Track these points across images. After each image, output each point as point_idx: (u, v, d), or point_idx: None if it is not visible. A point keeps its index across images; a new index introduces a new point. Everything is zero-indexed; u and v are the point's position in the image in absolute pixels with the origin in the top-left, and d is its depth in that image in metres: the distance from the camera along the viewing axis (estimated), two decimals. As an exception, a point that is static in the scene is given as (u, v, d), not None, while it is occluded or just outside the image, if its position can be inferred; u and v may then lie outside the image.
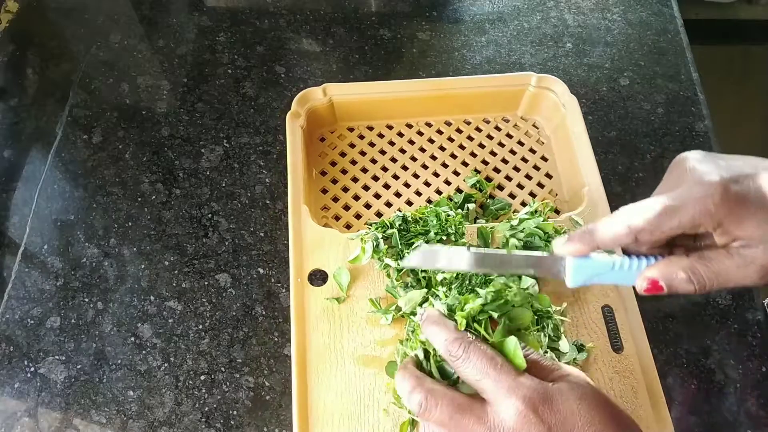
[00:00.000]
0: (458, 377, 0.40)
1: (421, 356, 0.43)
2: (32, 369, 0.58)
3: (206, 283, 0.62)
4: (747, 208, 0.36)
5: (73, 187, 0.68)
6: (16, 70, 0.76)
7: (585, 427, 0.35)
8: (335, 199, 0.65)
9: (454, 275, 0.52)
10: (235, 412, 0.56)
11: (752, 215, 0.36)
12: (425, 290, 0.53)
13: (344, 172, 0.67)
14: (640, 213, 0.38)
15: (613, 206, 0.67)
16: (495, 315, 0.43)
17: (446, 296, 0.51)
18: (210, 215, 0.66)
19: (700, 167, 0.37)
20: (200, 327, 0.60)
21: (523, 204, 0.66)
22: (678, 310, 0.61)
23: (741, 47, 1.85)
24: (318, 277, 0.57)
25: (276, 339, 0.59)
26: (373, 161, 0.68)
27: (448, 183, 0.67)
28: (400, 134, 0.70)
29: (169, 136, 0.71)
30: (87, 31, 0.79)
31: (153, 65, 0.77)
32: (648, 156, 0.71)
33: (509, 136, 0.70)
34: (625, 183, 0.69)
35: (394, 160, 0.68)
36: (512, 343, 0.38)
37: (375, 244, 0.56)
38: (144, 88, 0.75)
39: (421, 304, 0.53)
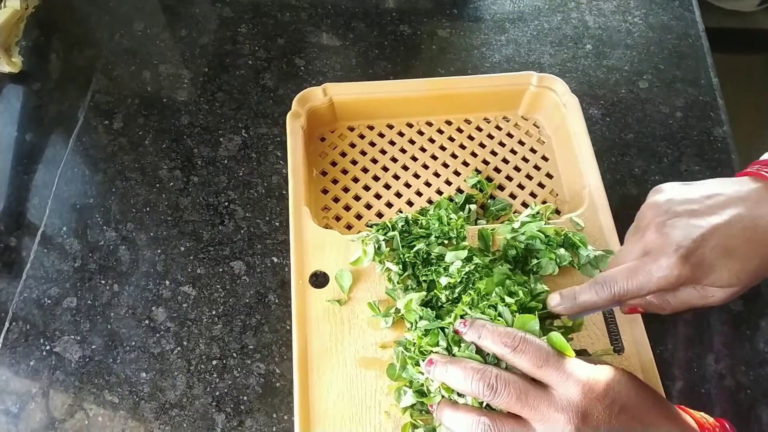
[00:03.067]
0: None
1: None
2: (48, 347, 0.59)
3: (221, 269, 0.63)
4: (704, 268, 0.42)
5: (93, 171, 0.69)
6: (41, 55, 0.77)
7: (642, 401, 0.41)
8: (336, 200, 0.65)
9: (458, 280, 0.51)
10: (245, 398, 0.57)
11: (710, 271, 0.42)
12: (425, 293, 0.53)
13: (345, 172, 0.67)
14: (615, 286, 0.44)
15: (630, 209, 0.67)
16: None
17: (448, 299, 0.51)
18: (227, 203, 0.67)
19: (667, 232, 0.43)
20: (213, 313, 0.60)
21: (524, 204, 0.66)
22: (690, 314, 0.61)
23: (762, 56, 1.83)
24: (319, 279, 0.57)
25: (288, 327, 0.60)
26: (374, 161, 0.68)
27: (448, 183, 0.67)
28: (401, 134, 0.70)
29: (189, 125, 0.72)
30: (111, 19, 0.81)
31: (175, 54, 0.78)
32: (665, 159, 0.71)
33: (510, 135, 0.70)
34: (641, 185, 0.69)
35: (394, 159, 0.68)
36: (556, 336, 0.42)
37: (376, 246, 0.56)
38: (165, 76, 0.76)
39: (424, 304, 0.53)
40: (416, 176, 0.67)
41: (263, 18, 0.81)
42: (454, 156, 0.68)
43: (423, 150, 0.69)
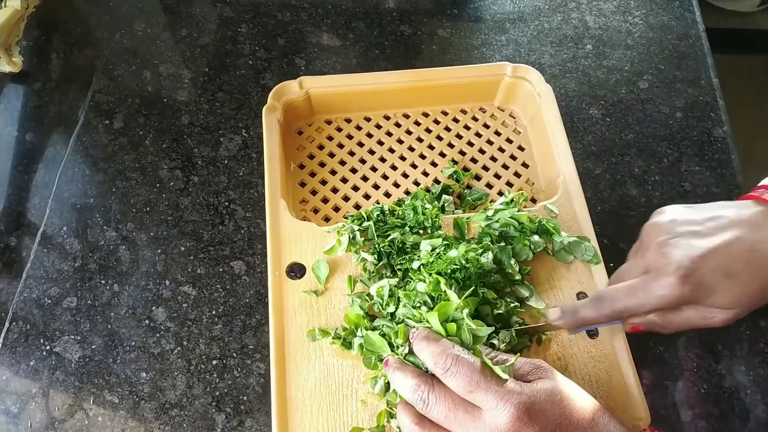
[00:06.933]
0: None
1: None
2: (48, 348, 0.59)
3: (221, 269, 0.63)
4: (704, 289, 0.42)
5: (93, 171, 0.69)
6: (41, 54, 0.77)
7: (568, 417, 0.40)
8: (314, 192, 0.65)
9: (429, 261, 0.52)
10: (245, 398, 0.57)
11: (710, 292, 0.43)
12: (397, 279, 0.54)
13: (322, 164, 0.67)
14: (616, 302, 0.45)
15: (629, 209, 0.68)
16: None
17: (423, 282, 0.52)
18: (227, 203, 0.67)
19: (667, 251, 0.44)
20: (213, 312, 0.61)
21: (501, 194, 0.66)
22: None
23: (762, 56, 1.83)
24: (296, 271, 0.57)
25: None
26: (351, 153, 0.68)
27: (426, 174, 0.67)
28: (378, 126, 0.70)
29: (189, 124, 0.72)
30: (111, 19, 0.81)
31: (175, 54, 0.78)
32: (665, 160, 0.71)
33: (486, 126, 0.70)
34: (641, 186, 0.69)
35: (372, 152, 0.68)
36: (488, 362, 0.42)
37: (351, 236, 0.57)
38: (166, 76, 0.76)
39: (393, 298, 0.53)
40: (394, 168, 0.67)
41: (263, 18, 0.81)
42: (431, 147, 0.69)
43: (400, 142, 0.69)
